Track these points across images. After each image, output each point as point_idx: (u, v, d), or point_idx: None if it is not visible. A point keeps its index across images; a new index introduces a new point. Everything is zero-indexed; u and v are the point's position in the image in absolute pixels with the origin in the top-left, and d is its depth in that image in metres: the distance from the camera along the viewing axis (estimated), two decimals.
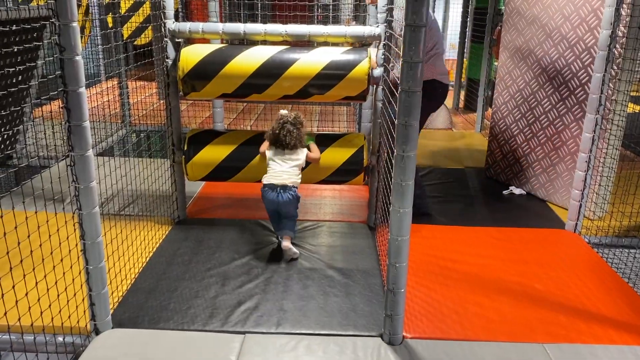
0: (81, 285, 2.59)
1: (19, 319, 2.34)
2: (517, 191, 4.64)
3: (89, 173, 2.41)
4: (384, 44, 3.55)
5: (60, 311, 2.57)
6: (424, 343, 2.62)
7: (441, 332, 2.70)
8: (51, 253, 2.49)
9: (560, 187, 4.32)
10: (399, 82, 2.29)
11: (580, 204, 3.80)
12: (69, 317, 2.59)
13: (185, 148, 3.68)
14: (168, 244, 3.55)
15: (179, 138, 3.78)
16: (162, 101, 6.04)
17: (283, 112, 3.39)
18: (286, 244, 3.34)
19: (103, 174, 3.53)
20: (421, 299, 2.99)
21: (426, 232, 3.87)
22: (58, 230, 2.59)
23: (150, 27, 7.60)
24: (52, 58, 2.36)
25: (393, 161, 2.40)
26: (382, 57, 3.58)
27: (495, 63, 6.06)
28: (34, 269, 2.42)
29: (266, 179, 3.37)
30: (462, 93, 8.17)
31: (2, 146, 5.09)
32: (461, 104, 8.08)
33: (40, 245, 2.48)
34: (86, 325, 2.62)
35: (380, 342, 2.61)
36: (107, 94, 6.61)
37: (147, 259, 3.35)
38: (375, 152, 3.83)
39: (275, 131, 3.35)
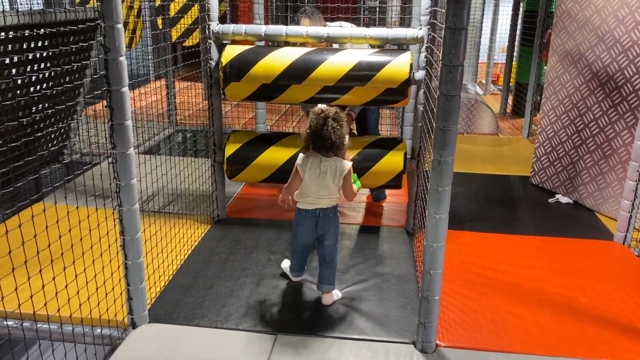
0: (120, 279, 2.66)
1: (58, 310, 2.43)
2: (563, 200, 4.48)
3: (130, 171, 2.47)
4: (427, 47, 3.50)
5: (98, 304, 2.64)
6: (457, 352, 2.56)
7: (476, 342, 2.63)
8: (91, 247, 2.58)
9: (610, 197, 4.15)
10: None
11: (631, 215, 3.63)
12: (107, 310, 2.67)
13: (226, 147, 3.73)
14: (206, 242, 3.61)
15: (221, 138, 3.84)
16: (205, 102, 6.16)
17: (322, 105, 2.73)
18: (327, 299, 2.93)
19: (144, 171, 3.67)
20: (457, 307, 2.93)
21: (466, 239, 3.79)
22: (99, 225, 2.68)
23: (198, 29, 7.78)
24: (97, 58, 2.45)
25: (430, 166, 2.36)
26: (425, 60, 3.53)
27: (545, 67, 5.89)
28: (74, 262, 2.51)
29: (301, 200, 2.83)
30: (510, 98, 7.97)
31: (54, 142, 5.30)
32: (509, 109, 7.88)
33: (81, 239, 2.58)
34: (123, 319, 2.69)
35: (412, 350, 2.57)
36: (155, 94, 6.81)
37: (186, 256, 3.41)
38: (416, 156, 3.77)
39: (316, 128, 2.66)
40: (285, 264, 3.19)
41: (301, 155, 2.77)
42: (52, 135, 5.13)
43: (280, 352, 2.52)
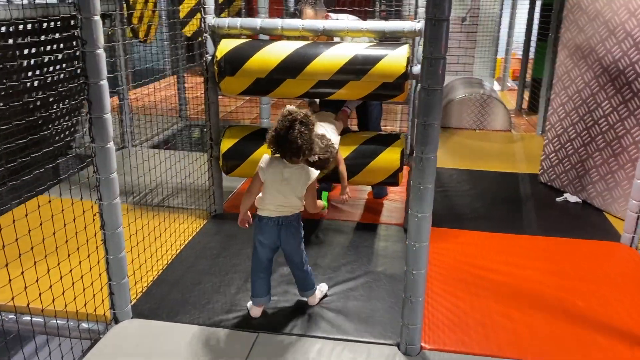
0: (99, 274, 2.65)
1: (53, 301, 2.43)
2: (572, 199, 4.33)
3: (110, 165, 2.45)
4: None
5: (82, 298, 2.64)
6: (443, 356, 2.49)
7: (463, 345, 2.55)
8: (87, 241, 2.58)
9: (619, 197, 3.99)
10: None
11: (639, 216, 3.48)
12: (93, 304, 2.66)
13: (222, 143, 3.70)
14: (200, 237, 3.59)
15: (217, 133, 3.81)
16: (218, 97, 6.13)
17: (291, 107, 2.50)
18: (313, 301, 2.84)
19: (148, 165, 3.69)
20: (447, 308, 2.84)
21: (465, 238, 3.69)
22: (94, 220, 2.67)
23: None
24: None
25: (412, 163, 2.28)
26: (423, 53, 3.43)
27: None
28: (69, 255, 2.57)
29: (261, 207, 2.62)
30: (527, 93, 7.77)
31: (62, 136, 5.35)
32: (525, 105, 7.69)
33: (76, 233, 2.58)
34: (105, 314, 2.68)
35: (396, 352, 2.50)
36: (169, 89, 6.84)
37: (178, 251, 3.39)
38: (411, 152, 3.68)
39: (280, 131, 2.45)
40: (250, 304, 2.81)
41: (265, 156, 2.56)
42: (60, 128, 5.18)
43: (259, 352, 2.48)
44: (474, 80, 7.58)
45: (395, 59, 3.34)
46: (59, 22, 4.38)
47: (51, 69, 4.64)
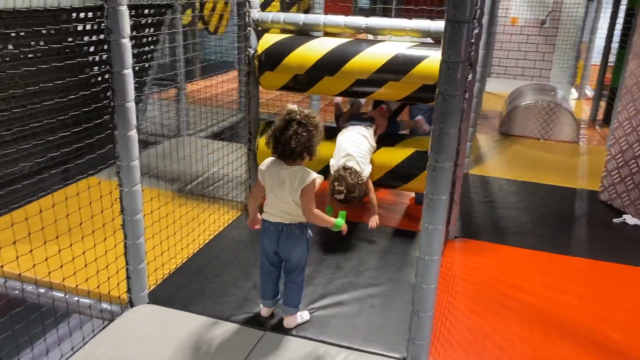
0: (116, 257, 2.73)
1: (88, 280, 2.54)
2: (631, 221, 3.98)
3: (132, 152, 2.51)
4: (471, 42, 3.23)
5: (107, 279, 2.75)
6: None
7: None
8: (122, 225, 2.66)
9: None
10: None
11: None
12: (117, 287, 2.75)
13: (259, 136, 3.72)
14: (230, 229, 3.62)
15: (256, 127, 3.82)
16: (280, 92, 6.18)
17: (292, 106, 2.39)
18: (289, 322, 2.61)
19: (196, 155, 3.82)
20: (465, 325, 2.69)
21: (504, 253, 3.49)
22: (144, 203, 2.77)
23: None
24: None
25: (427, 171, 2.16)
26: (469, 57, 3.27)
27: None
28: (105, 238, 2.73)
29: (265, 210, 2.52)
30: (603, 104, 7.25)
31: None
32: (600, 116, 7.18)
33: (113, 219, 2.70)
34: (120, 296, 2.76)
35: None
36: (234, 82, 6.99)
37: (206, 241, 3.43)
38: (455, 160, 3.51)
39: (277, 131, 2.36)
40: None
41: (269, 158, 2.47)
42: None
43: (261, 350, 2.46)
44: (547, 87, 7.16)
45: (437, 60, 3.18)
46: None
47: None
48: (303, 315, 2.68)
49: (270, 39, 3.49)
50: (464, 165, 3.53)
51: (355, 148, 3.39)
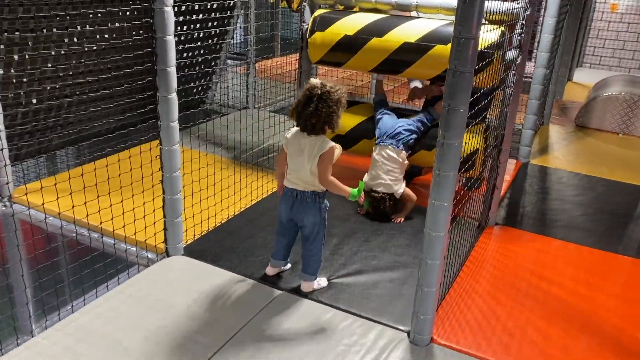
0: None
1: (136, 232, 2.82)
2: None
3: (172, 113, 2.71)
4: (522, 24, 3.14)
5: (153, 230, 3.03)
6: (449, 353, 2.38)
7: (477, 348, 2.40)
8: (183, 187, 2.95)
9: None
10: None
11: None
12: (155, 235, 3.03)
13: None
14: (272, 197, 3.78)
15: None
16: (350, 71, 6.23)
17: (314, 80, 2.49)
18: (305, 287, 2.74)
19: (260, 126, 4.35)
20: (480, 308, 2.68)
21: (543, 245, 3.38)
22: (200, 168, 3.28)
23: None
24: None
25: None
26: (519, 38, 3.17)
27: None
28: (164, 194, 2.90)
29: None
30: None
31: (196, 90, 5.92)
32: None
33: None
34: (156, 246, 3.01)
35: (404, 338, 2.45)
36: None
37: (247, 205, 3.62)
38: (499, 144, 3.44)
39: (299, 105, 2.48)
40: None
41: (294, 127, 2.58)
42: (197, 83, 5.75)
43: (274, 307, 2.60)
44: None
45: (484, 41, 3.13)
46: None
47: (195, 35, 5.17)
48: (321, 282, 2.79)
49: (323, 11, 3.62)
50: (508, 151, 3.43)
51: (386, 174, 3.48)
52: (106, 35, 4.12)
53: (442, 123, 2.09)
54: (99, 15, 3.98)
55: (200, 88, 5.93)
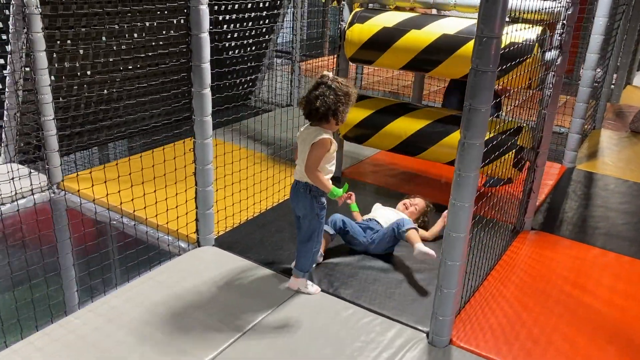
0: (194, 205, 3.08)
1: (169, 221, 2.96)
2: None
3: (205, 108, 2.81)
4: (563, 23, 3.05)
5: (185, 220, 3.16)
6: (468, 356, 2.35)
7: (497, 353, 2.36)
8: (216, 179, 3.04)
9: None
10: None
11: None
12: (187, 225, 3.14)
13: None
14: None
15: None
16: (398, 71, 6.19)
17: (327, 72, 2.51)
18: (291, 283, 2.72)
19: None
20: (506, 313, 2.63)
21: (580, 252, 3.27)
22: (232, 162, 3.38)
23: None
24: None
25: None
26: (559, 38, 3.08)
27: None
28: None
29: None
30: None
31: (243, 87, 6.06)
32: None
33: (216, 168, 3.09)
34: (188, 235, 3.12)
35: (422, 338, 2.44)
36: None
37: (280, 200, 3.68)
38: (536, 147, 3.35)
39: (308, 93, 2.49)
40: None
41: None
42: (243, 80, 5.88)
43: (295, 301, 2.65)
44: None
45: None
46: None
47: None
48: (308, 286, 2.70)
49: (357, 9, 3.66)
50: (546, 154, 3.34)
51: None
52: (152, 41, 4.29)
53: (463, 122, 2.07)
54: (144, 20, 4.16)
55: (245, 84, 6.07)
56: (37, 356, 2.18)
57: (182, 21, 4.31)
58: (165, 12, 4.28)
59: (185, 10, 2.63)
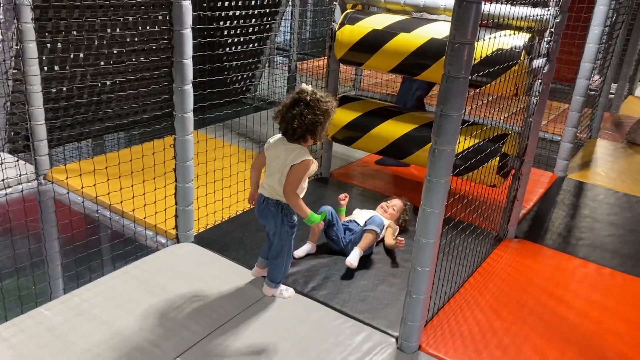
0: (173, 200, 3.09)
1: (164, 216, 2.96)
2: None
3: (186, 104, 2.81)
4: (550, 31, 3.02)
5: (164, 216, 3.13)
6: None
7: None
8: (197, 176, 3.05)
9: None
10: None
11: None
12: (165, 221, 3.14)
13: None
14: None
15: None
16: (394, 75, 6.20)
17: (306, 86, 2.37)
18: (265, 290, 2.67)
19: None
20: (478, 321, 2.62)
21: (562, 262, 3.25)
22: (222, 159, 3.40)
23: None
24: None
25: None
26: (547, 46, 3.06)
27: None
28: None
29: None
30: None
31: (240, 85, 6.06)
32: None
33: (197, 165, 3.08)
34: (167, 231, 3.12)
35: (391, 343, 2.43)
36: None
37: None
38: (521, 155, 3.32)
39: (283, 109, 2.38)
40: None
41: (278, 134, 2.49)
42: (239, 76, 5.89)
43: (268, 301, 2.64)
44: None
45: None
46: None
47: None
48: (283, 292, 2.67)
49: (349, 11, 3.66)
50: (531, 163, 3.32)
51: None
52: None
53: (434, 129, 2.06)
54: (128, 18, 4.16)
55: (242, 81, 6.07)
56: (1, 347, 2.19)
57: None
58: (151, 7, 4.28)
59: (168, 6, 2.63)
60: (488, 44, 2.88)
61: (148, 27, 4.34)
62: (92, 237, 2.98)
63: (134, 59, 4.41)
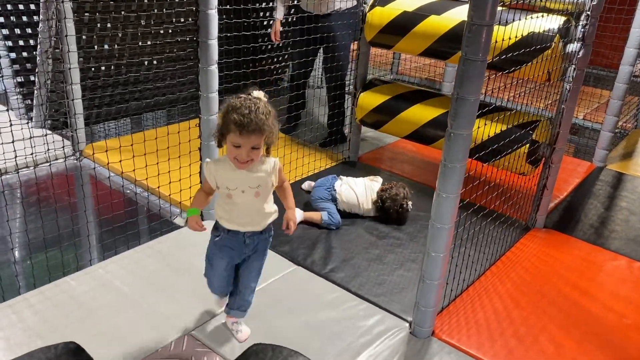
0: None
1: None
2: None
3: (211, 85, 2.85)
4: (587, 14, 2.90)
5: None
6: (447, 349, 2.32)
7: (478, 348, 2.32)
8: None
9: None
10: None
11: None
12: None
13: (360, 92, 3.84)
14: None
15: (363, 83, 3.93)
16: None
17: (257, 92, 1.98)
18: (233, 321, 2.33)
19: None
20: (496, 309, 2.58)
21: (591, 255, 3.15)
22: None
23: None
24: None
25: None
26: (582, 30, 2.94)
27: None
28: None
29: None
30: None
31: (275, 70, 6.09)
32: None
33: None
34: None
35: (404, 327, 2.42)
36: None
37: (298, 178, 3.72)
38: (552, 142, 3.22)
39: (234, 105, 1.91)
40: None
41: None
42: (273, 66, 5.93)
43: (285, 280, 2.68)
44: None
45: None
46: None
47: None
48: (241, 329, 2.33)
49: None
50: (562, 151, 3.21)
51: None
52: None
53: (450, 112, 2.02)
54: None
55: (279, 69, 6.11)
56: (28, 312, 2.30)
57: None
58: None
59: None
60: (518, 26, 2.80)
61: (185, 7, 4.40)
62: (119, 212, 3.07)
63: (169, 40, 4.48)
